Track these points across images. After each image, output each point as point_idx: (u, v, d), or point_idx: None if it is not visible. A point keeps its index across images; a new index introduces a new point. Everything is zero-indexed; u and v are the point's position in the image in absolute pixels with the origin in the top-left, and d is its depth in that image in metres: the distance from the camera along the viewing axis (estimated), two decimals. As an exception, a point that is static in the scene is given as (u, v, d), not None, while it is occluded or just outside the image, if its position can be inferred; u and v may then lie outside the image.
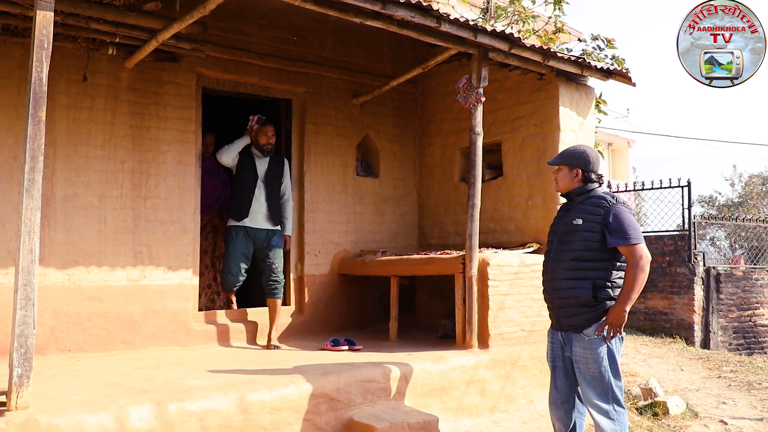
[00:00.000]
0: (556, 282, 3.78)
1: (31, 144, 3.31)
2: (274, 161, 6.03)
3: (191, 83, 5.78)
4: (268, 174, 5.95)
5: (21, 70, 4.88)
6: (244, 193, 5.83)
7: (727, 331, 10.82)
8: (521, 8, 8.67)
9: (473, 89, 5.38)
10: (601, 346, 3.63)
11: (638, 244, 3.57)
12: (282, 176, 6.06)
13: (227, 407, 3.78)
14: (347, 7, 4.49)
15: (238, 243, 5.78)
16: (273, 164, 6.02)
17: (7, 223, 4.84)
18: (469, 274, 5.29)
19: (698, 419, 5.87)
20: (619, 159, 22.98)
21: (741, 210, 21.10)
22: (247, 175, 5.87)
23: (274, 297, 5.81)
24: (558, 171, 3.93)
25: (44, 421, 3.20)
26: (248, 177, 5.87)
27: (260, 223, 5.84)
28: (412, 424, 4.13)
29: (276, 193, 5.97)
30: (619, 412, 3.64)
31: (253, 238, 5.83)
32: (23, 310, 3.25)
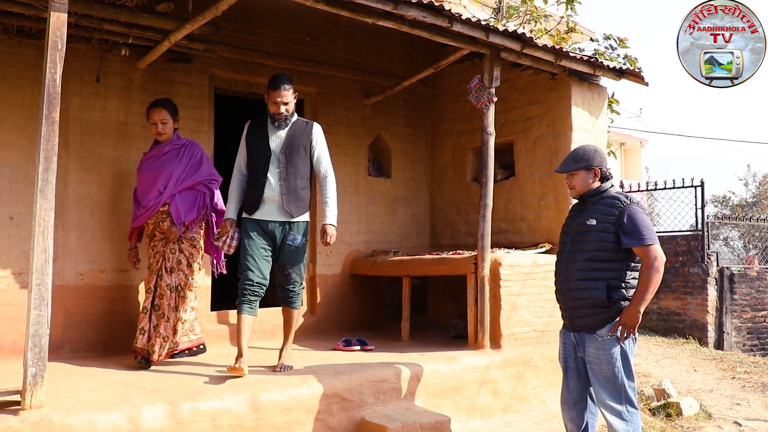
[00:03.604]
0: (569, 282, 3.75)
1: (44, 144, 3.33)
2: (295, 128, 4.61)
3: (203, 83, 5.79)
4: (287, 146, 4.54)
5: (35, 71, 4.91)
6: (255, 175, 4.57)
7: (741, 332, 10.75)
8: (533, 8, 8.66)
9: (485, 89, 5.37)
10: (614, 346, 3.60)
11: (653, 244, 3.55)
12: (310, 146, 4.61)
13: (239, 407, 3.79)
14: (358, 8, 4.48)
15: (255, 240, 4.51)
16: (293, 132, 4.59)
17: (21, 223, 4.87)
18: (481, 275, 5.28)
19: (712, 420, 5.83)
20: (632, 159, 22.88)
21: (755, 210, 20.94)
22: (258, 151, 4.58)
23: (290, 306, 4.70)
24: (573, 177, 3.85)
25: (58, 420, 3.22)
26: (259, 153, 4.57)
27: (272, 215, 4.52)
28: (424, 425, 4.12)
29: (295, 171, 4.54)
30: (632, 412, 3.62)
31: (267, 232, 4.56)
32: (37, 310, 3.27)
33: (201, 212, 4.84)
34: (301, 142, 4.58)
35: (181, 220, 4.70)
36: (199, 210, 4.82)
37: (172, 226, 4.71)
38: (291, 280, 4.60)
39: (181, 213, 4.71)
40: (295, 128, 4.59)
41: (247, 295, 4.42)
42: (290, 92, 4.52)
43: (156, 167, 4.81)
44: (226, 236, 4.60)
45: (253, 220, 4.54)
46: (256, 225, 4.53)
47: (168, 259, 4.73)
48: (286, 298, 4.67)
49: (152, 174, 4.80)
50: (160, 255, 4.76)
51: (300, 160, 4.56)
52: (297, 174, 4.55)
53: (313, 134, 4.63)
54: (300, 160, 4.56)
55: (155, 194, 4.75)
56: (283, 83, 4.49)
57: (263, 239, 4.52)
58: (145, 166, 4.88)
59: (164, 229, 4.75)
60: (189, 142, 4.93)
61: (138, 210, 4.86)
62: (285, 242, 4.54)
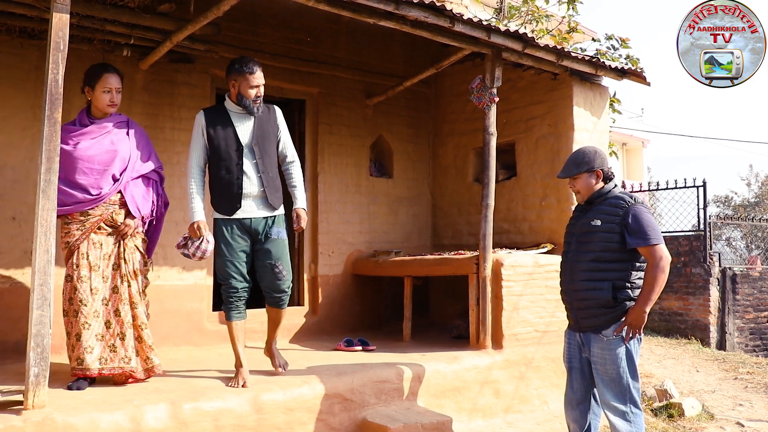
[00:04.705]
0: (574, 283, 3.74)
1: (47, 145, 3.34)
2: (261, 115, 4.28)
3: (205, 84, 5.80)
4: (258, 135, 4.22)
5: (37, 72, 4.92)
6: (227, 170, 4.17)
7: (744, 333, 10.73)
8: (535, 8, 8.66)
9: (487, 89, 5.37)
10: (619, 347, 3.60)
11: (658, 244, 3.54)
12: (277, 131, 4.36)
13: (241, 407, 3.79)
14: (360, 8, 4.49)
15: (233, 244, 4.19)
16: (260, 120, 4.26)
17: (24, 223, 4.88)
18: (483, 275, 5.28)
19: (714, 421, 5.82)
20: (634, 159, 22.88)
21: (757, 210, 20.91)
22: (226, 145, 4.18)
23: (279, 307, 4.40)
24: (576, 180, 3.83)
25: (60, 420, 3.22)
26: (227, 148, 4.18)
27: (254, 211, 4.21)
28: (426, 425, 4.12)
29: (271, 161, 4.27)
30: (635, 413, 3.61)
31: (249, 231, 4.24)
32: (39, 310, 3.27)
33: (153, 205, 4.24)
34: (271, 129, 4.30)
35: (140, 212, 4.09)
36: (152, 202, 4.23)
37: (129, 220, 4.06)
38: (281, 277, 4.25)
39: (138, 204, 4.10)
40: (262, 115, 4.27)
41: (233, 301, 4.22)
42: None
43: (104, 147, 4.02)
44: (198, 241, 4.14)
45: (232, 221, 4.19)
46: (235, 226, 4.19)
47: (128, 261, 4.03)
48: (277, 301, 4.36)
49: (98, 154, 3.99)
50: (110, 255, 4.02)
51: (271, 148, 4.29)
52: (272, 163, 4.28)
53: (278, 119, 4.38)
54: (271, 148, 4.29)
55: (108, 180, 4.01)
56: (257, 65, 4.20)
57: (242, 241, 4.20)
58: (84, 145, 3.99)
59: (116, 223, 4.03)
60: (129, 119, 4.23)
61: (75, 195, 3.94)
62: (270, 237, 4.22)
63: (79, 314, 3.89)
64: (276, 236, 4.24)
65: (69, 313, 3.94)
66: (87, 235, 3.97)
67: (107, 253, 4.02)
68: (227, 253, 4.18)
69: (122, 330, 3.97)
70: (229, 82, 4.22)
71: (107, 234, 4.03)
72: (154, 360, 4.06)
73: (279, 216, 4.31)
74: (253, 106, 4.18)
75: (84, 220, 3.98)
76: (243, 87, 4.15)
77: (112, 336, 3.95)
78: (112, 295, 4.00)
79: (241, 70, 4.14)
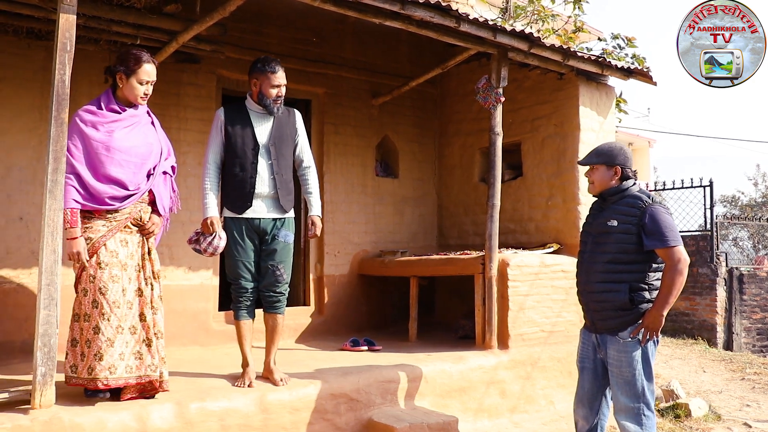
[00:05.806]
0: (591, 284, 3.67)
1: (54, 145, 3.35)
2: (281, 116, 4.28)
3: (211, 84, 5.81)
4: (276, 136, 4.23)
5: (44, 73, 4.94)
6: (241, 168, 4.17)
7: (751, 333, 10.69)
8: (540, 7, 8.63)
9: (493, 89, 5.37)
10: (636, 349, 3.54)
11: (676, 246, 3.45)
12: (295, 134, 4.36)
13: (247, 407, 3.80)
14: (366, 8, 4.49)
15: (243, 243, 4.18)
16: (279, 121, 4.27)
17: (31, 223, 4.90)
18: (489, 275, 5.28)
19: (721, 422, 5.79)
20: (640, 159, 22.80)
21: (764, 210, 20.81)
22: (242, 143, 4.17)
23: (275, 312, 4.27)
24: (593, 171, 3.76)
25: (67, 419, 3.23)
26: (244, 146, 4.17)
27: (264, 212, 4.19)
28: (432, 425, 4.12)
29: (286, 163, 4.26)
30: (648, 416, 3.56)
31: (258, 231, 4.22)
32: (46, 310, 3.28)
33: (171, 201, 3.99)
34: (288, 131, 4.29)
35: (166, 210, 3.87)
36: (171, 198, 3.98)
37: (156, 217, 3.80)
38: (281, 280, 4.21)
39: (164, 202, 3.85)
40: (281, 116, 4.27)
41: (242, 301, 4.21)
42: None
43: (141, 139, 3.71)
44: (211, 237, 4.11)
45: (241, 220, 4.18)
46: (245, 225, 4.18)
47: (153, 261, 3.75)
48: (273, 303, 4.25)
49: (136, 146, 3.67)
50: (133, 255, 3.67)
51: (288, 150, 4.29)
52: (287, 166, 4.26)
53: (297, 122, 4.37)
54: (288, 150, 4.29)
55: (144, 174, 3.71)
56: (279, 65, 4.20)
57: (251, 241, 4.19)
58: (120, 134, 3.62)
59: (142, 221, 3.73)
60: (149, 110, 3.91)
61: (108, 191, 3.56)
62: (276, 239, 4.20)
63: (112, 318, 3.49)
64: (283, 239, 4.22)
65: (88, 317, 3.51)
66: (114, 233, 3.61)
67: (132, 252, 3.67)
68: (238, 253, 4.18)
69: (148, 335, 3.63)
70: (250, 81, 4.22)
71: (131, 233, 3.70)
72: (165, 374, 3.68)
73: (289, 219, 4.29)
74: (274, 106, 4.18)
75: (111, 217, 3.61)
76: (264, 86, 4.16)
77: (137, 342, 3.60)
78: (137, 298, 3.64)
79: (264, 69, 4.16)
